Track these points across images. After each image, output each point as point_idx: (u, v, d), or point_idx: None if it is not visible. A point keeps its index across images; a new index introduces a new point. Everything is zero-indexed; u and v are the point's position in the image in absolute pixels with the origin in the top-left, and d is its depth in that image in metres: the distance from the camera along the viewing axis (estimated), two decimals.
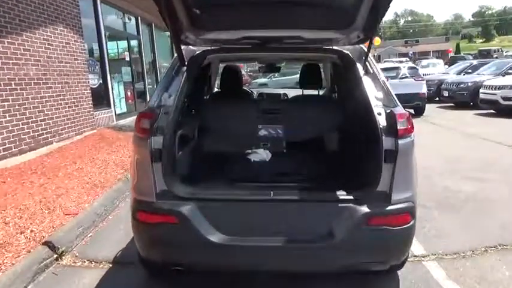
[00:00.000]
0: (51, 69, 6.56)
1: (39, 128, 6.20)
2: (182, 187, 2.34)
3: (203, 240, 2.18)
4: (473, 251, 3.18)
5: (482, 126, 9.39)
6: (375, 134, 2.25)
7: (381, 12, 2.28)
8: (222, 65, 4.52)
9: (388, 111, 2.30)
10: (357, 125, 2.76)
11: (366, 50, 2.70)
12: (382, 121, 2.27)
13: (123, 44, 10.97)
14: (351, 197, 2.23)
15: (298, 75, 12.95)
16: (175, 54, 2.67)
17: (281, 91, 6.05)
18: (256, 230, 2.23)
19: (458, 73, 15.71)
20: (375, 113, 2.30)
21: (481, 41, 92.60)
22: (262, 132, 3.44)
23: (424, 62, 25.72)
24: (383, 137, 2.22)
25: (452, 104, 13.61)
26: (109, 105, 9.09)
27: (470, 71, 15.27)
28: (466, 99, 12.94)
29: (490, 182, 5.00)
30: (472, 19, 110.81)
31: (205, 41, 2.75)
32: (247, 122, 3.40)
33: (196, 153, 3.16)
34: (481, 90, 11.79)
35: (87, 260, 3.21)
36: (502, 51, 40.93)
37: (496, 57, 28.18)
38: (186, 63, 2.64)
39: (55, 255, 3.19)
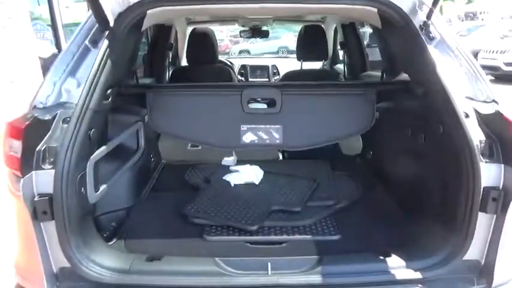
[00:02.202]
0: None
1: None
2: (102, 260, 1.34)
3: None
4: None
5: None
6: (463, 154, 1.26)
7: None
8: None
9: (487, 111, 1.29)
10: (417, 133, 1.73)
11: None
12: (475, 131, 1.27)
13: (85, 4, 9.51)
14: (418, 275, 1.26)
15: (281, 40, 11.31)
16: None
17: (268, 62, 4.90)
18: None
19: None
20: (460, 114, 1.28)
21: (465, 2, 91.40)
22: (248, 138, 2.21)
23: None
24: (482, 162, 1.23)
25: None
26: None
27: (465, 34, 14.36)
28: None
29: None
30: None
31: None
32: (223, 119, 2.22)
33: (137, 180, 2.09)
34: (480, 55, 10.91)
35: None
36: (487, 13, 39.88)
37: (482, 19, 27.19)
38: (110, 23, 1.53)
39: None
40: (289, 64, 4.16)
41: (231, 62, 4.58)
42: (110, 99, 1.63)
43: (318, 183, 2.12)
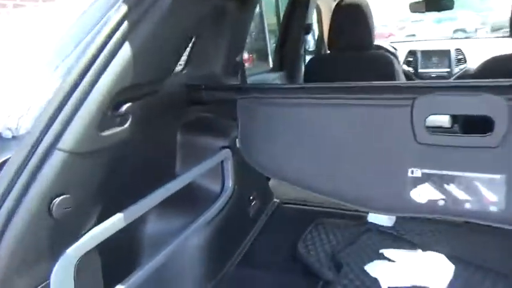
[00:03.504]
0: None
1: None
2: None
3: None
4: None
5: None
6: None
7: None
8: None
9: None
10: None
11: None
12: None
13: None
14: None
15: (458, 21, 7.74)
16: None
17: (448, 45, 3.18)
18: None
19: None
20: None
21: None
22: (424, 194, 1.03)
23: None
24: None
25: None
26: None
27: None
28: None
29: None
30: None
31: None
32: (373, 155, 1.10)
33: (216, 246, 1.28)
34: None
35: None
36: None
37: None
38: None
39: None
40: (481, 47, 2.92)
41: (394, 48, 3.17)
42: (127, 124, 0.80)
43: None
